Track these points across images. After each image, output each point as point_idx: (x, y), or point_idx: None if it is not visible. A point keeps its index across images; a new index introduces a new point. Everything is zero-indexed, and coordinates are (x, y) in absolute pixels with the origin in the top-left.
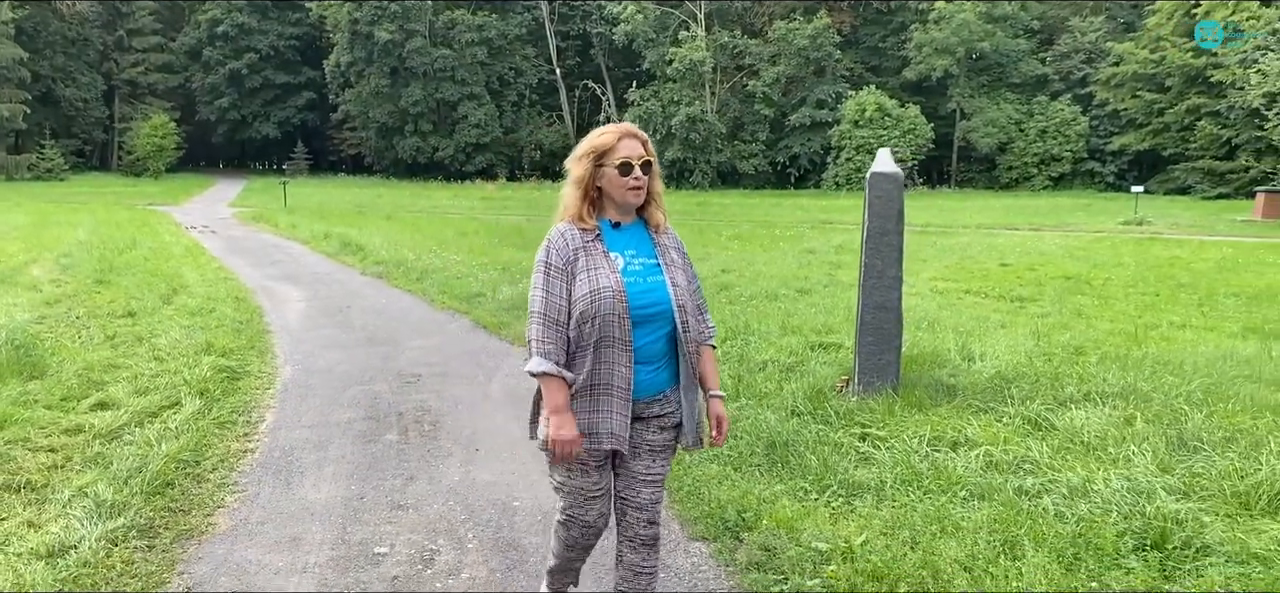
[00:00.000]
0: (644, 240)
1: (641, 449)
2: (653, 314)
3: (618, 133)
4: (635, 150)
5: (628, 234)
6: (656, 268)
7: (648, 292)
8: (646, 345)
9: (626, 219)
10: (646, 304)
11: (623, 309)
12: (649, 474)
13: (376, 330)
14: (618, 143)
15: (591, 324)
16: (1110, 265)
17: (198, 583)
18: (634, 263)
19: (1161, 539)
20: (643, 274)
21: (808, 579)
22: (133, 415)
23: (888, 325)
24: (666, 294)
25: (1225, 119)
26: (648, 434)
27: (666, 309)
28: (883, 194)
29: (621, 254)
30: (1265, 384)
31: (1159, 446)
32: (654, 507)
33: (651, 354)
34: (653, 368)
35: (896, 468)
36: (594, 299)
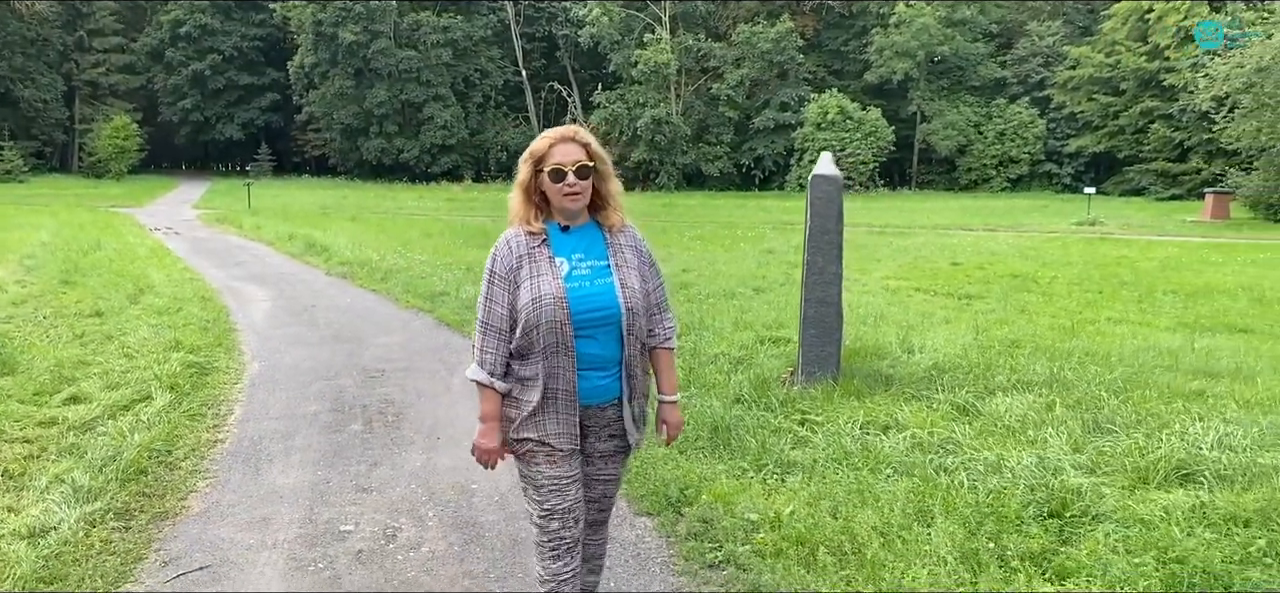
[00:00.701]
0: (596, 242)
1: (594, 456)
2: (600, 319)
3: (552, 138)
4: (571, 155)
5: (577, 237)
6: (606, 270)
7: (594, 296)
8: (594, 351)
9: (576, 222)
10: (592, 309)
11: (564, 316)
12: (601, 475)
13: (341, 328)
14: (550, 149)
15: (535, 332)
16: (1058, 264)
17: (173, 559)
18: (581, 267)
19: (1062, 508)
20: (590, 278)
21: (739, 546)
22: (105, 409)
23: (829, 319)
24: (614, 297)
25: (1177, 122)
26: (598, 443)
27: (616, 313)
28: (823, 195)
29: (568, 258)
30: (1182, 373)
31: (1074, 428)
32: (606, 498)
33: (602, 360)
34: (605, 374)
35: (828, 449)
36: (536, 307)
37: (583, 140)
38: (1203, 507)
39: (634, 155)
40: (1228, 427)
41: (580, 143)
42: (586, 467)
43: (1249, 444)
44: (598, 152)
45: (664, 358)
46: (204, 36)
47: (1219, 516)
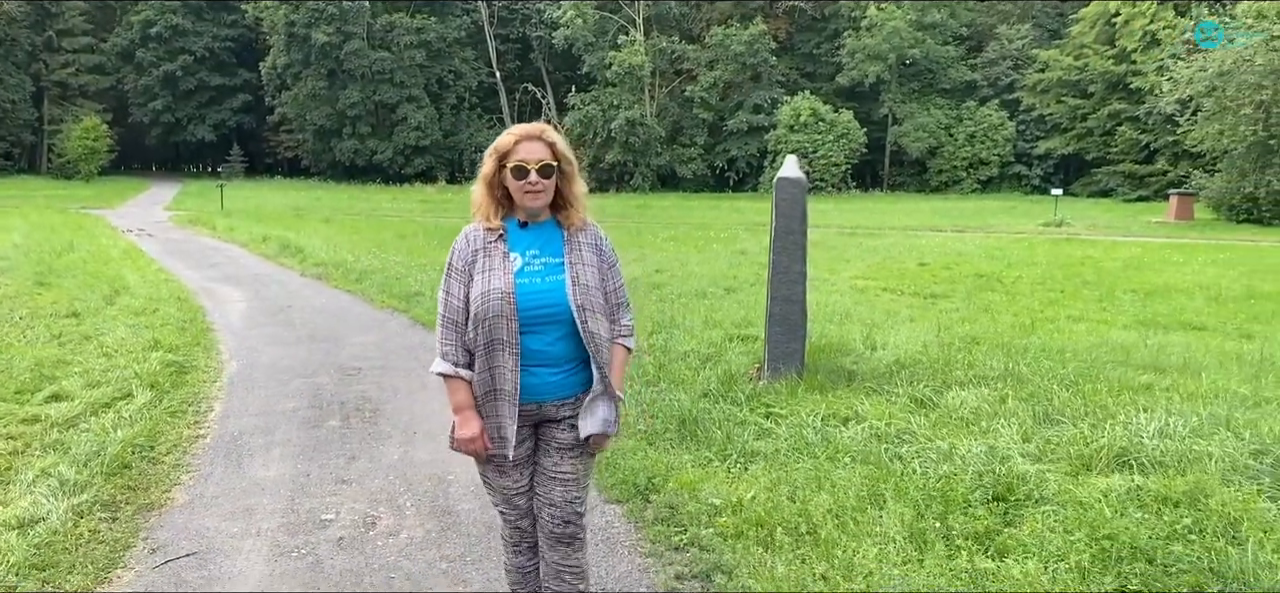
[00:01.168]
0: (553, 240)
1: (551, 446)
2: (549, 316)
3: (518, 135)
4: (534, 153)
5: (535, 233)
6: (560, 268)
7: (543, 293)
8: (544, 348)
9: (536, 219)
10: (540, 306)
11: (510, 311)
12: (558, 472)
13: (318, 328)
14: (515, 145)
15: (482, 326)
16: (1023, 264)
17: (161, 546)
18: (534, 263)
19: (1007, 492)
20: (541, 274)
21: (702, 529)
22: (87, 406)
23: (794, 316)
24: (564, 294)
25: (1144, 125)
26: (557, 433)
27: (565, 310)
28: (788, 197)
29: (522, 254)
30: (1133, 368)
31: (1025, 419)
32: (568, 506)
33: (553, 357)
34: (558, 371)
35: (790, 439)
36: (484, 301)
37: (549, 139)
38: (1138, 490)
39: (608, 157)
40: (1169, 417)
41: (546, 142)
42: (543, 461)
43: (1187, 433)
44: (563, 152)
45: (617, 354)
46: (175, 37)
47: (1151, 497)
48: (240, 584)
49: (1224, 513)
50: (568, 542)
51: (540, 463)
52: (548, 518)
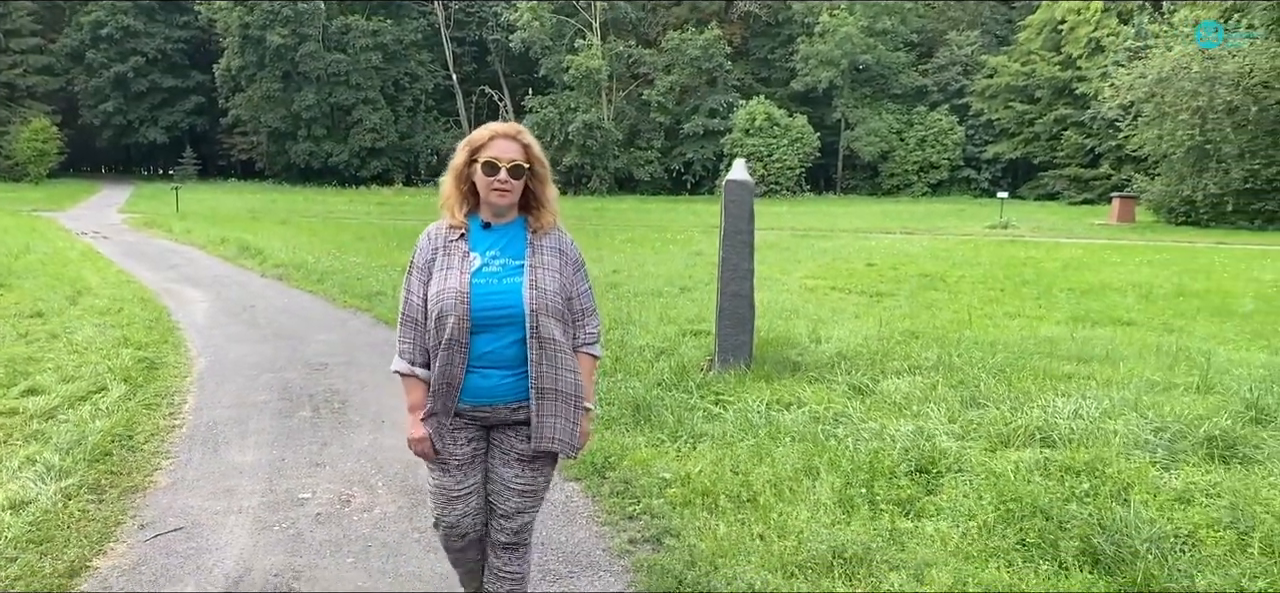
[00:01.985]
0: (516, 242)
1: (510, 457)
2: (503, 318)
3: (493, 132)
4: (507, 152)
5: (498, 234)
6: (519, 270)
7: (498, 294)
8: (497, 350)
9: (500, 219)
10: (494, 307)
11: (462, 311)
12: (515, 483)
13: (282, 326)
14: (489, 141)
15: (436, 325)
16: (967, 265)
17: (149, 522)
18: (492, 264)
19: (930, 465)
20: (499, 276)
21: (655, 500)
22: (64, 399)
23: (742, 311)
24: (516, 298)
25: (1089, 129)
26: (514, 441)
27: (519, 313)
28: (736, 199)
29: (482, 254)
30: (1058, 359)
31: (953, 404)
32: (519, 516)
33: (507, 359)
34: (511, 373)
35: (736, 422)
36: (438, 300)
37: (524, 141)
38: (1046, 461)
39: (566, 160)
40: (1084, 401)
41: (521, 142)
42: (501, 469)
43: (1098, 414)
44: (537, 154)
45: (583, 364)
46: (126, 38)
47: (1057, 467)
48: (228, 554)
49: (1119, 479)
50: (513, 548)
51: (496, 472)
52: (496, 526)
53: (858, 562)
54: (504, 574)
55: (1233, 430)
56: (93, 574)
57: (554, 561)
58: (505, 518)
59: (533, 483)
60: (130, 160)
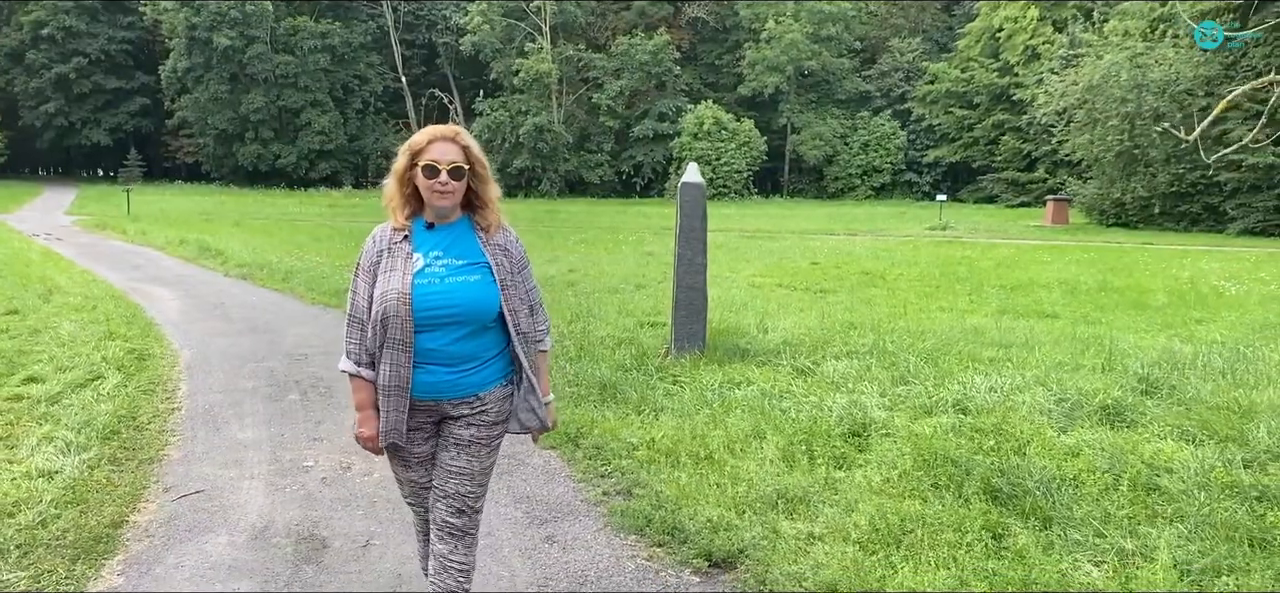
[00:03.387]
0: (461, 241)
1: (448, 441)
2: (448, 317)
3: (431, 135)
4: (446, 154)
5: (442, 234)
6: (464, 269)
7: (443, 294)
8: (442, 347)
9: (444, 220)
10: (439, 307)
11: (405, 313)
12: (454, 466)
13: (256, 321)
14: (428, 145)
15: (381, 325)
16: (906, 264)
17: (171, 487)
18: (436, 264)
19: (861, 429)
20: (442, 276)
21: (623, 460)
22: (64, 386)
23: (696, 302)
24: (465, 296)
25: (1026, 134)
26: (457, 429)
27: (464, 311)
28: (690, 199)
29: (425, 255)
30: (982, 345)
31: (884, 381)
32: (461, 498)
33: (450, 357)
34: (454, 370)
35: (693, 398)
36: (382, 300)
37: (463, 142)
38: (960, 425)
39: (516, 162)
40: (1000, 378)
41: (459, 144)
42: (442, 455)
43: (1009, 388)
44: (476, 155)
45: (537, 361)
46: (68, 39)
47: (969, 429)
48: (250, 510)
49: (1020, 437)
50: (458, 535)
51: (439, 457)
52: (439, 508)
53: (798, 501)
54: (450, 563)
55: (1123, 400)
56: (133, 526)
57: (540, 510)
58: (446, 497)
59: (469, 466)
60: (71, 163)
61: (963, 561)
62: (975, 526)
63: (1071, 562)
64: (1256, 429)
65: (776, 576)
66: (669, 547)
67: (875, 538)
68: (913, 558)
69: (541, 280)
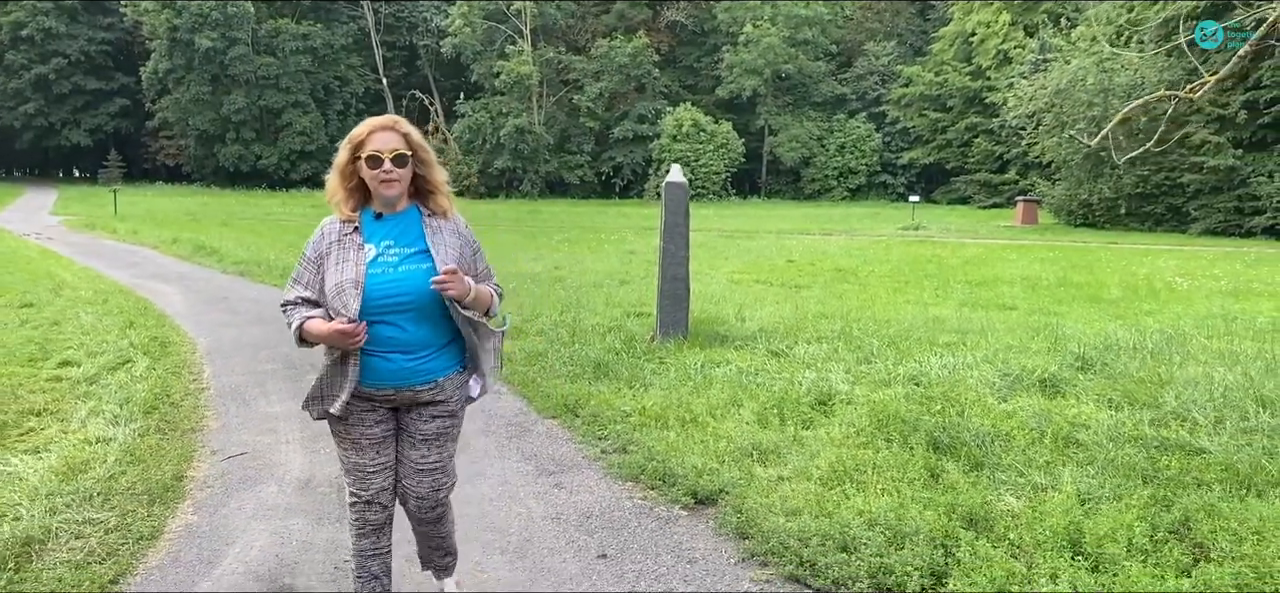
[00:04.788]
0: (410, 230)
1: (416, 439)
2: (400, 304)
3: (372, 126)
4: (388, 142)
5: (391, 224)
6: (414, 257)
7: (395, 282)
8: (396, 335)
9: (391, 209)
10: (391, 295)
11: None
12: (424, 463)
13: (261, 314)
14: (369, 136)
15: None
16: (878, 262)
17: (217, 450)
18: (388, 254)
19: (828, 398)
20: (394, 265)
21: (618, 425)
22: (98, 369)
23: (679, 292)
24: (417, 283)
25: (997, 136)
26: (420, 424)
27: (415, 297)
28: (674, 197)
29: (377, 245)
30: (942, 332)
31: (850, 361)
32: (434, 494)
33: (406, 343)
34: (413, 356)
35: (678, 375)
36: (338, 291)
37: (402, 130)
38: (913, 393)
39: (497, 163)
40: (953, 359)
41: (400, 132)
42: (410, 452)
43: (960, 367)
44: (418, 141)
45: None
46: (47, 40)
47: (920, 397)
48: (292, 467)
49: (963, 403)
50: (435, 522)
51: (406, 455)
52: (415, 506)
53: (770, 452)
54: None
55: (1059, 374)
56: (192, 480)
57: (547, 465)
58: (421, 497)
59: (440, 460)
60: (48, 163)
61: (904, 492)
62: (917, 467)
63: (995, 493)
64: (1167, 396)
65: (752, 506)
66: (661, 489)
67: (833, 477)
68: (863, 490)
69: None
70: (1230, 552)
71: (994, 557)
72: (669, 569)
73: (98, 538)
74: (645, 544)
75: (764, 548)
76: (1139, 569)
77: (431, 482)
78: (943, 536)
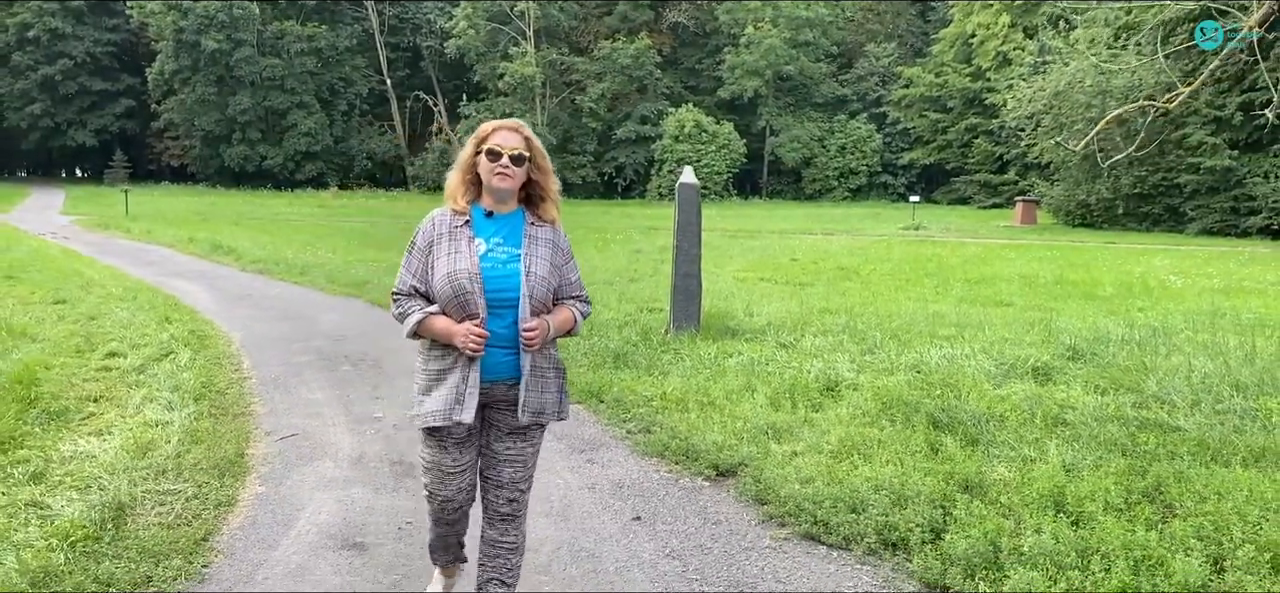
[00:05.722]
0: (516, 231)
1: (501, 431)
2: (508, 301)
3: (497, 125)
4: (510, 142)
5: (500, 223)
6: (518, 257)
7: (504, 278)
8: (503, 330)
9: (501, 208)
10: (500, 290)
11: (478, 289)
12: (508, 455)
13: (287, 310)
14: (493, 133)
15: (451, 305)
16: (879, 260)
17: (271, 432)
18: (497, 251)
19: (835, 384)
20: (503, 262)
21: (641, 408)
22: (144, 360)
23: (692, 287)
24: (519, 281)
25: (997, 137)
26: (508, 417)
27: (517, 298)
28: (687, 198)
29: (486, 240)
30: (941, 326)
31: (854, 352)
32: (514, 486)
33: (508, 338)
34: (509, 352)
35: (693, 363)
36: (451, 280)
37: (525, 133)
38: (914, 380)
39: None
40: (951, 349)
41: (522, 135)
42: (495, 444)
43: (958, 357)
44: (538, 147)
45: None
46: (54, 41)
47: (920, 382)
48: (343, 446)
49: (961, 388)
50: (509, 518)
51: (491, 448)
52: (494, 498)
53: (784, 430)
54: (499, 545)
55: (1051, 363)
56: (253, 457)
57: (578, 444)
58: (500, 488)
59: (523, 452)
60: (52, 163)
61: (907, 462)
62: (919, 442)
63: (989, 464)
64: (1150, 382)
65: (769, 476)
66: (685, 463)
67: (842, 451)
68: (870, 462)
69: None
70: (1194, 510)
71: (986, 515)
72: (697, 529)
73: (180, 505)
74: (674, 509)
75: (781, 511)
76: (1113, 523)
77: (512, 473)
78: (941, 498)
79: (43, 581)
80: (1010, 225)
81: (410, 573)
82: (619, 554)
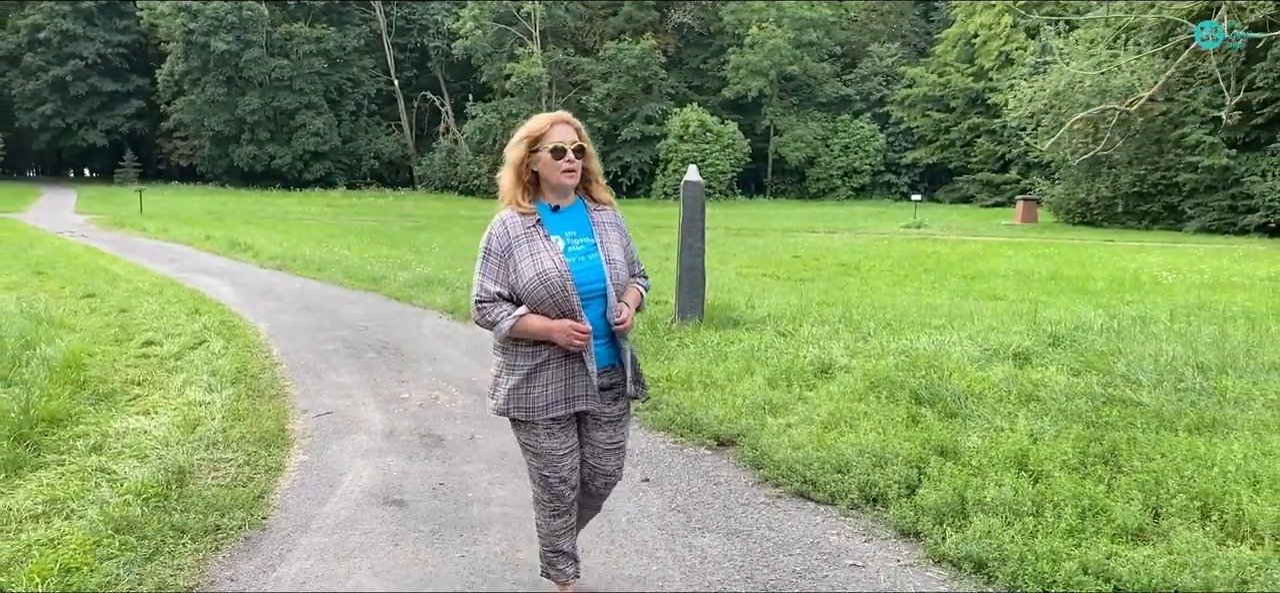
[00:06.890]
0: (582, 221)
1: (602, 421)
2: (594, 292)
3: (551, 120)
4: (568, 136)
5: (567, 216)
6: (594, 247)
7: (588, 270)
8: (593, 320)
9: (564, 201)
10: (588, 282)
11: (572, 287)
12: (611, 443)
13: (309, 303)
14: (551, 129)
15: (545, 306)
16: (880, 257)
17: (307, 410)
18: (574, 244)
19: (828, 367)
20: (583, 254)
21: (648, 388)
22: (179, 347)
23: (696, 280)
24: (603, 272)
25: (999, 137)
26: (605, 406)
27: (603, 287)
28: (691, 195)
29: (562, 236)
30: (934, 316)
31: (849, 340)
32: (619, 472)
33: (599, 329)
34: (600, 341)
35: (697, 349)
36: (542, 281)
37: (576, 124)
38: (903, 363)
39: None
40: (940, 337)
41: (574, 126)
42: (596, 434)
43: (946, 343)
44: (587, 137)
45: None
46: (65, 42)
47: (908, 364)
48: (375, 422)
49: (944, 369)
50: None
51: (593, 437)
52: (599, 484)
53: (779, 407)
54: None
55: (1032, 348)
56: (293, 432)
57: None
58: (607, 475)
59: (623, 440)
60: (61, 164)
61: (889, 431)
62: (901, 414)
63: (964, 433)
64: (1120, 364)
65: (765, 445)
66: (689, 434)
67: (831, 422)
68: (855, 430)
69: None
70: (1140, 468)
71: (956, 473)
72: (700, 489)
73: (235, 469)
74: (680, 472)
75: (775, 473)
76: (1068, 478)
77: (616, 461)
78: (917, 460)
79: (126, 529)
80: (1011, 224)
81: (446, 524)
82: (630, 509)
